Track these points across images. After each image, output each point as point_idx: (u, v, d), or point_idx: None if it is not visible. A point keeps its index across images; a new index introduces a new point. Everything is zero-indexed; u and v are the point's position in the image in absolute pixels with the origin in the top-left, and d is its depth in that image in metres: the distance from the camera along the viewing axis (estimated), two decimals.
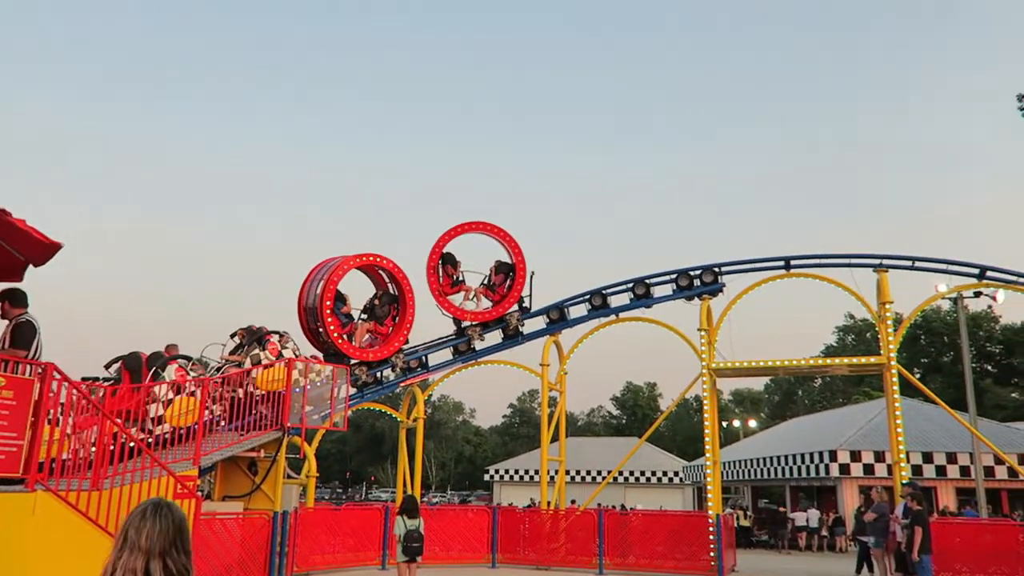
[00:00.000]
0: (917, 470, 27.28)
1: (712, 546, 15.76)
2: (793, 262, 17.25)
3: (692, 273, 17.82)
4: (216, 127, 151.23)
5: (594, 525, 16.80)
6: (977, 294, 23.74)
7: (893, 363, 15.73)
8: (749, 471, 35.21)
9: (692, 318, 17.60)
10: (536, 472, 49.84)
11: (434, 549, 17.12)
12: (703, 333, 17.21)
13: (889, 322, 16.07)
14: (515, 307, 18.75)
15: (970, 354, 28.27)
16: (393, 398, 29.94)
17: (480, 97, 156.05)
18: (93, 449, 8.61)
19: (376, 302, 18.10)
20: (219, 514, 11.84)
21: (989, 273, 16.40)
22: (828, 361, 19.19)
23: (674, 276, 18.02)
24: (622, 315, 18.54)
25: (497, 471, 54.94)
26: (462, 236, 18.68)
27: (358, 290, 18.37)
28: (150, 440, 10.90)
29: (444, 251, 18.48)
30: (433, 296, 18.31)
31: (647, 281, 18.29)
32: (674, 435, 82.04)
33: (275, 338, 14.52)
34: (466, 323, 18.72)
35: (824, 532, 26.82)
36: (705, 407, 17.19)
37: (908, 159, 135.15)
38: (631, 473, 51.80)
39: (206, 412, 11.86)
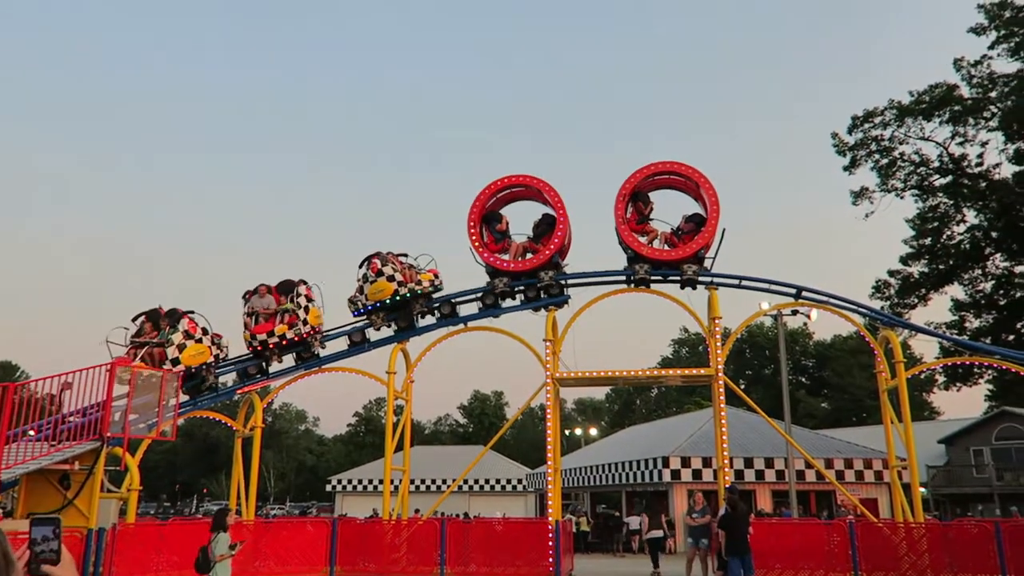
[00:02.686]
0: (740, 474, 29.26)
1: (551, 551, 16.12)
2: (632, 276, 18.02)
3: (539, 284, 18.21)
4: None
5: (436, 534, 16.73)
6: (794, 312, 25.94)
7: (720, 375, 16.79)
8: (589, 478, 36.39)
9: (539, 328, 17.98)
10: (381, 482, 49.02)
11: (269, 564, 16.41)
12: (548, 343, 17.62)
13: (718, 336, 17.15)
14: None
15: (787, 367, 30.78)
16: (231, 406, 28.46)
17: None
18: None
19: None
20: (20, 533, 10.72)
21: (804, 293, 17.86)
22: (663, 372, 20.16)
23: (522, 287, 18.34)
24: (471, 324, 18.64)
25: (340, 481, 53.56)
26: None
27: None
28: None
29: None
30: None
31: (495, 291, 18.50)
32: (519, 443, 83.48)
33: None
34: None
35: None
36: (548, 415, 17.58)
37: (741, 182, 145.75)
38: (476, 481, 52.09)
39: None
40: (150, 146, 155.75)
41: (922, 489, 38.16)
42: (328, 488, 54.12)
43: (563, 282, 18.12)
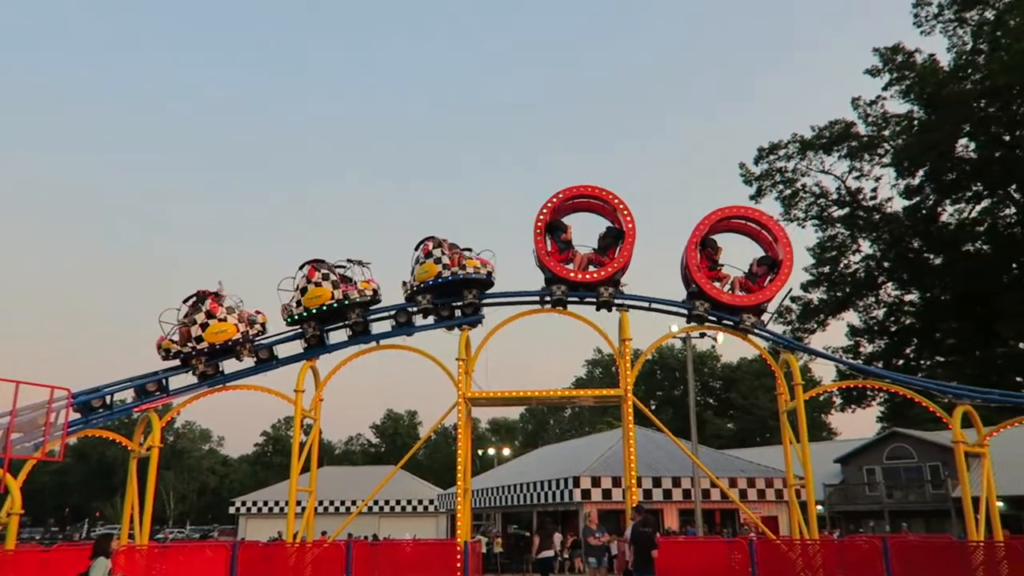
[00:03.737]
0: (648, 494, 29.77)
1: (459, 573, 15.95)
2: (548, 297, 18.16)
3: (454, 304, 18.13)
4: None
5: (342, 557, 16.32)
6: (702, 335, 26.68)
7: (630, 395, 17.08)
8: (500, 498, 36.30)
9: (453, 347, 17.89)
10: (287, 503, 47.65)
11: None
12: (461, 362, 17.54)
13: (628, 358, 17.45)
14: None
15: (695, 388, 31.69)
16: (129, 424, 27.11)
17: None
18: None
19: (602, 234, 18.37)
20: None
21: (694, 312, 18.37)
22: (575, 392, 20.34)
23: (436, 305, 18.21)
24: (383, 342, 18.37)
25: (244, 503, 51.69)
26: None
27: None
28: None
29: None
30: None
31: (409, 309, 18.32)
32: (433, 463, 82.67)
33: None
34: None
35: (566, 554, 28.24)
36: (459, 435, 17.47)
37: (660, 207, 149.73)
38: (386, 502, 51.23)
39: None
40: None
41: (819, 507, 39.85)
42: (232, 510, 52.14)
43: (478, 301, 18.09)
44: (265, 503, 50.88)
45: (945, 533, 33.25)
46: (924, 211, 28.24)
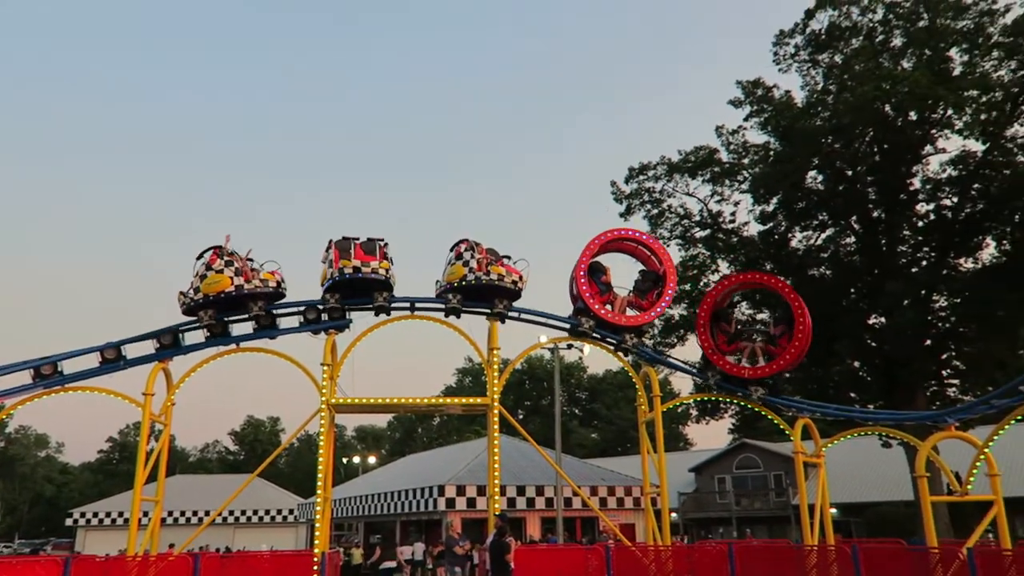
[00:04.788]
0: (512, 502, 30.07)
1: None
2: (419, 304, 18.02)
3: (321, 307, 17.65)
4: None
5: (189, 570, 15.43)
6: (570, 346, 27.28)
7: (496, 404, 17.19)
8: (363, 507, 35.61)
9: (319, 352, 17.38)
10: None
11: None
12: (326, 368, 17.08)
13: (496, 367, 17.58)
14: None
15: (561, 399, 32.33)
16: None
17: None
18: None
19: (640, 277, 18.66)
20: None
21: (579, 328, 18.81)
22: (443, 401, 20.26)
23: (302, 308, 17.65)
24: (244, 344, 17.60)
25: (84, 514, 48.07)
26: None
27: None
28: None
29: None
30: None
31: (274, 311, 17.67)
32: (296, 472, 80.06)
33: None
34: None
35: (429, 564, 28.05)
36: (321, 442, 16.97)
37: (508, 217, 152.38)
38: (243, 513, 49.14)
39: None
40: None
41: (673, 514, 41.65)
42: (69, 522, 48.34)
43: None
44: (108, 514, 47.53)
45: (784, 538, 35.54)
46: (776, 236, 30.15)
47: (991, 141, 25.70)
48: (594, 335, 18.49)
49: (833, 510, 27.99)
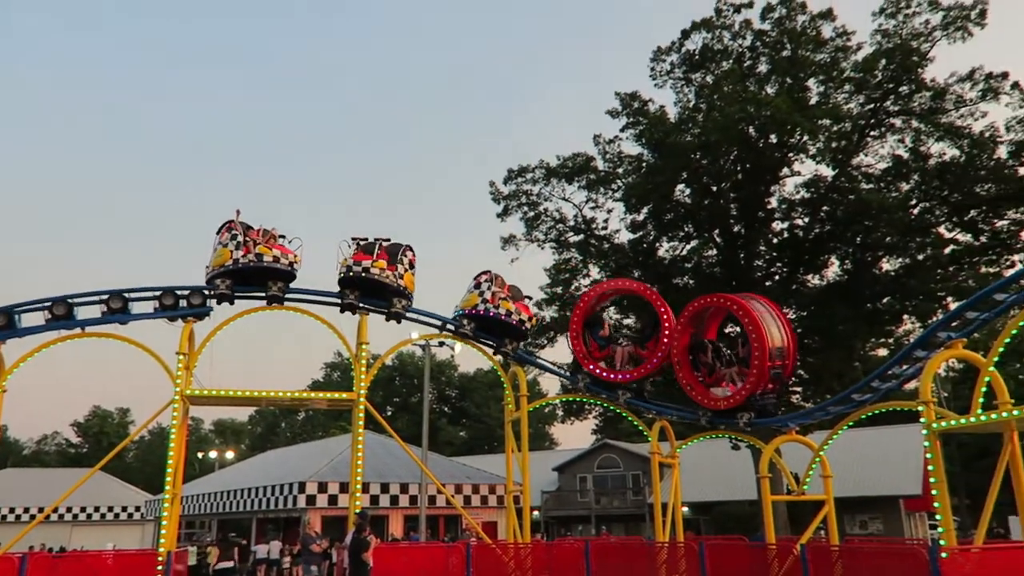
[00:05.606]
0: (375, 500, 29.63)
1: None
2: (287, 294, 17.39)
3: (179, 293, 16.70)
4: None
5: (14, 572, 14.18)
6: (441, 343, 27.24)
7: (362, 400, 16.86)
8: (218, 504, 34.07)
9: (175, 341, 16.45)
10: None
11: None
12: (181, 357, 16.19)
13: (364, 361, 17.24)
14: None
15: (431, 396, 32.27)
16: None
17: None
18: None
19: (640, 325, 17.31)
20: None
21: (449, 326, 18.79)
22: (307, 395, 19.61)
23: (158, 294, 16.65)
24: (89, 329, 16.38)
25: None
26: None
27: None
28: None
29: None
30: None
31: (126, 295, 16.56)
32: (146, 467, 75.62)
33: None
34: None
35: (286, 563, 27.17)
36: (172, 436, 16.06)
37: (420, 215, 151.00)
38: (83, 509, 45.88)
39: None
40: None
41: (535, 512, 42.45)
42: None
43: (207, 292, 16.87)
44: None
45: (639, 535, 37.00)
46: (645, 245, 31.33)
47: (839, 168, 27.82)
48: (471, 336, 18.50)
49: (684, 508, 29.37)
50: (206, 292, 16.88)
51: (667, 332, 17.97)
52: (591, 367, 18.48)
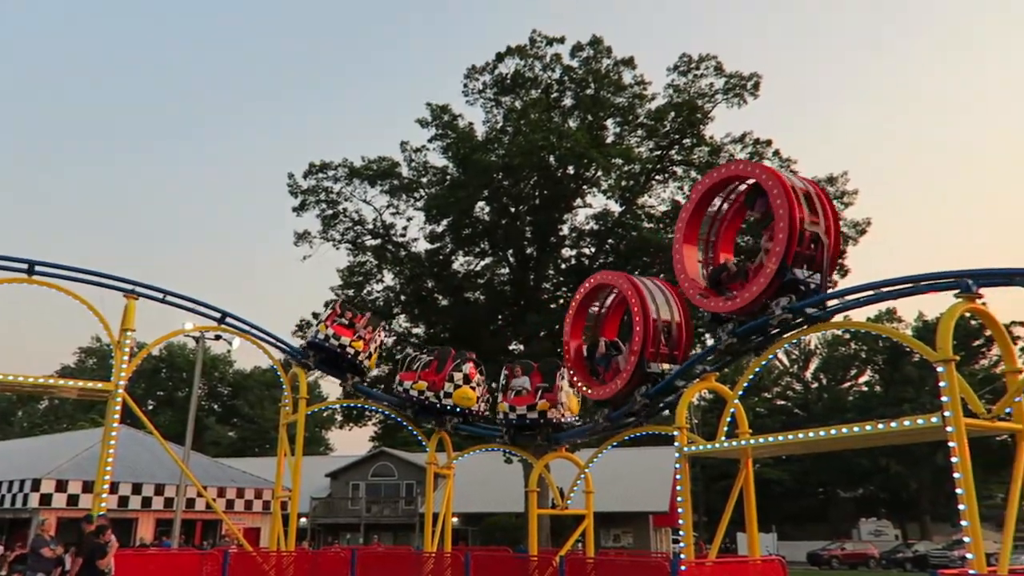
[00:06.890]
0: (124, 500, 27.18)
1: None
2: (38, 267, 15.46)
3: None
4: None
5: None
6: (218, 337, 25.61)
7: (121, 391, 15.38)
8: None
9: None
10: None
11: None
12: None
13: (126, 350, 15.75)
14: None
15: (201, 392, 30.18)
16: None
17: None
18: None
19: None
20: None
21: (229, 319, 17.71)
22: (54, 382, 17.51)
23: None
24: None
25: None
26: None
27: None
28: None
29: None
30: None
31: None
32: None
33: None
34: None
35: (4, 571, 24.06)
36: None
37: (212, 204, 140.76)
38: None
39: None
40: None
41: (303, 519, 41.08)
42: None
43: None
44: None
45: (408, 545, 37.04)
46: (441, 257, 31.69)
47: (626, 205, 29.97)
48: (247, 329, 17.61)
49: (455, 519, 29.86)
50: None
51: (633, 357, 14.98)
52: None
